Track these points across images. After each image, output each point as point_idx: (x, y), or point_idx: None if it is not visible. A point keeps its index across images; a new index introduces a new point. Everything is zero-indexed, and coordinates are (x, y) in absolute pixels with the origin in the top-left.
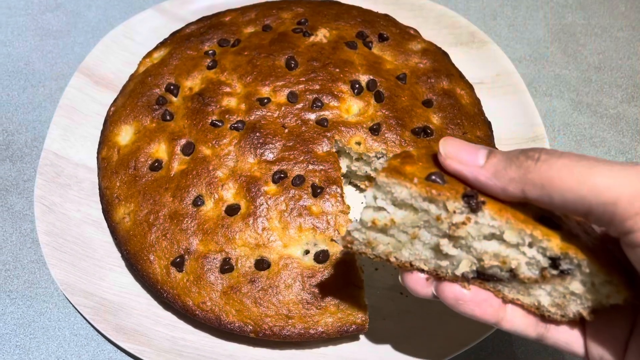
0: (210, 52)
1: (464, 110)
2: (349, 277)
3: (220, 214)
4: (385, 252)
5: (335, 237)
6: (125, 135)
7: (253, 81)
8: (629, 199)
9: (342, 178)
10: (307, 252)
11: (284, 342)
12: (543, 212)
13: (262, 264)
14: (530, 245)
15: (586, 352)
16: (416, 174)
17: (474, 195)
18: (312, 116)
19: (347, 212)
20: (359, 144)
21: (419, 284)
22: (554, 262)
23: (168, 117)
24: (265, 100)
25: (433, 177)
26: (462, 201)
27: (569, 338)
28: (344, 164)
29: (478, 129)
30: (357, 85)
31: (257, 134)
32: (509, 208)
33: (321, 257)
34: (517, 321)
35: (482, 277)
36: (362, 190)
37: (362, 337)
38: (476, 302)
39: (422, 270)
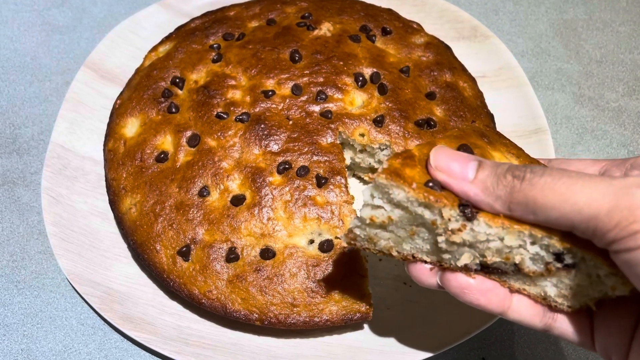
0: (215, 45)
1: (467, 102)
2: (353, 266)
3: (226, 204)
4: (386, 247)
5: (340, 235)
6: (131, 127)
7: (258, 74)
8: (607, 212)
9: (346, 169)
10: (311, 241)
11: (289, 331)
12: None
13: (267, 253)
14: (533, 243)
15: (593, 342)
16: (415, 178)
17: (469, 204)
18: (317, 108)
19: (351, 202)
20: (362, 135)
21: (423, 273)
22: (558, 256)
23: (174, 110)
24: (270, 93)
25: (431, 184)
26: (458, 209)
27: (576, 329)
28: (347, 155)
29: (481, 122)
30: (360, 78)
31: (262, 126)
32: None
33: (325, 246)
34: (523, 311)
35: (486, 269)
36: (365, 182)
37: (366, 326)
38: (481, 291)
39: (425, 261)
